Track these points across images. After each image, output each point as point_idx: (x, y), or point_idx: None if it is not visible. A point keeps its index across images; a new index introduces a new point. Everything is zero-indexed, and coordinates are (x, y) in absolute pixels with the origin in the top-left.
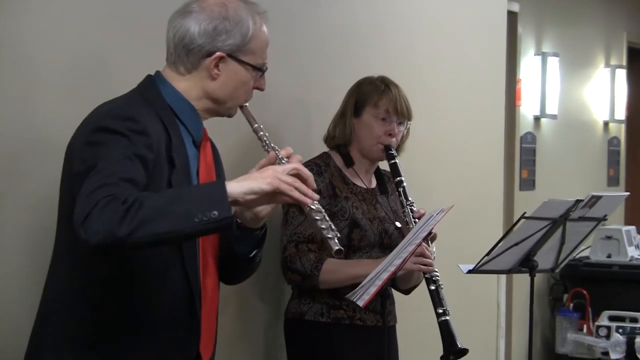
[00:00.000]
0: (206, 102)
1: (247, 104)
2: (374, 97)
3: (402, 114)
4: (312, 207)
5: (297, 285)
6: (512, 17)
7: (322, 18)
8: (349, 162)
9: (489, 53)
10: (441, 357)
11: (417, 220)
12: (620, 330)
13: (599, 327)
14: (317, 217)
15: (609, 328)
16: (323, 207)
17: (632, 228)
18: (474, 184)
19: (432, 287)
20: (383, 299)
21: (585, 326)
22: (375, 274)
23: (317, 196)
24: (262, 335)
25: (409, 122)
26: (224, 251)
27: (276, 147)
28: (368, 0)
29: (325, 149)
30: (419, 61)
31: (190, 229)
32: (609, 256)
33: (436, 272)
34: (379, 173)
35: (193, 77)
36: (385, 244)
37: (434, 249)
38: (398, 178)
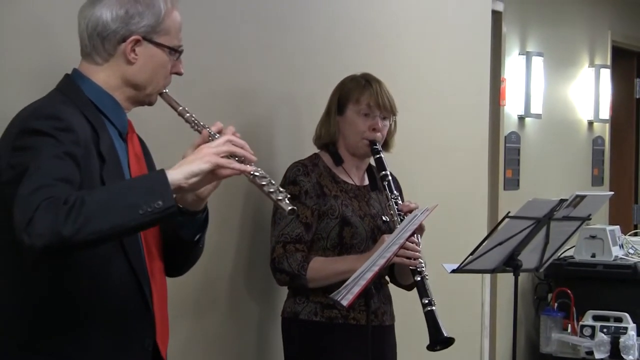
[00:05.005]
0: (126, 89)
1: (166, 90)
2: (355, 93)
3: (385, 108)
4: (256, 174)
5: (287, 285)
6: (496, 16)
7: (310, 16)
8: (338, 160)
9: (473, 52)
10: (427, 347)
11: (401, 212)
12: (605, 330)
13: (583, 326)
14: (263, 183)
15: (593, 328)
16: (311, 207)
17: (617, 228)
18: (458, 183)
19: (418, 278)
20: (367, 298)
21: (569, 326)
22: (359, 273)
23: (255, 158)
24: (257, 335)
25: (394, 117)
26: (168, 238)
27: (206, 125)
28: None
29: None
30: (403, 60)
31: (135, 221)
32: (593, 256)
33: (422, 262)
34: (370, 170)
35: (110, 65)
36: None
37: (420, 240)
38: (383, 172)
